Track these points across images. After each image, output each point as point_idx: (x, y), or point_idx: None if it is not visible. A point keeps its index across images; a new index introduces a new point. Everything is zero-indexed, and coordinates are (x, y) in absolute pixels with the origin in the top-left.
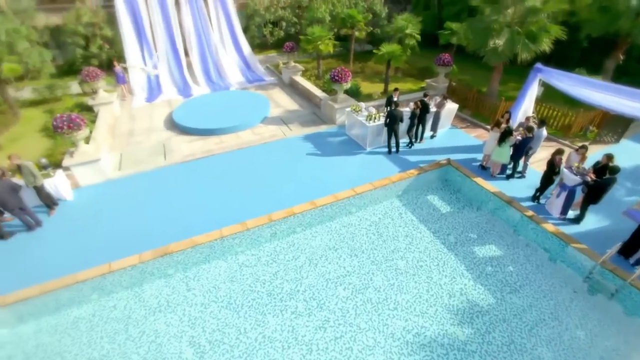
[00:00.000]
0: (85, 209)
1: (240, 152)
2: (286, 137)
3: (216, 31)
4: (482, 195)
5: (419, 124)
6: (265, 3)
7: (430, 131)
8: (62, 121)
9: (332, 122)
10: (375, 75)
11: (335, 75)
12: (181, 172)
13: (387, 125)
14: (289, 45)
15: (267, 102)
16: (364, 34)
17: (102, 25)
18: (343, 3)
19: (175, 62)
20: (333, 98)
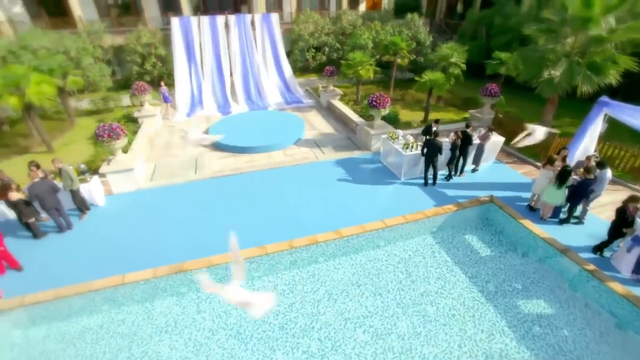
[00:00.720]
0: (112, 217)
1: (270, 172)
2: (318, 160)
3: (260, 53)
4: (529, 240)
5: (459, 156)
6: (310, 29)
7: (472, 164)
8: (104, 130)
9: (367, 149)
10: (415, 104)
11: (374, 101)
12: (208, 188)
13: (425, 155)
14: (329, 69)
15: (302, 123)
16: (406, 61)
17: (157, 45)
18: (387, 31)
19: (219, 80)
20: (369, 124)
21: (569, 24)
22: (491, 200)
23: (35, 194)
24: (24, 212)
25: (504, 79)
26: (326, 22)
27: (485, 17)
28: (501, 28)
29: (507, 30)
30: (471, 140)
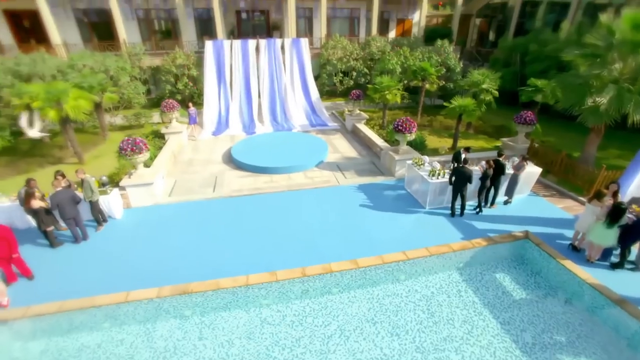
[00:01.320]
0: (127, 230)
1: (288, 194)
2: (339, 184)
3: (288, 75)
4: (574, 285)
5: (491, 186)
6: (338, 54)
7: (505, 196)
8: (128, 144)
9: (391, 175)
10: (444, 130)
11: (400, 125)
12: (225, 207)
13: (453, 184)
14: (355, 93)
15: (325, 146)
16: (435, 87)
17: (190, 66)
18: (416, 56)
19: (246, 101)
20: (394, 149)
21: (617, 49)
22: (526, 236)
23: (57, 202)
24: (44, 220)
25: (540, 107)
26: (355, 48)
27: (519, 44)
28: (537, 55)
29: (544, 57)
30: (504, 170)
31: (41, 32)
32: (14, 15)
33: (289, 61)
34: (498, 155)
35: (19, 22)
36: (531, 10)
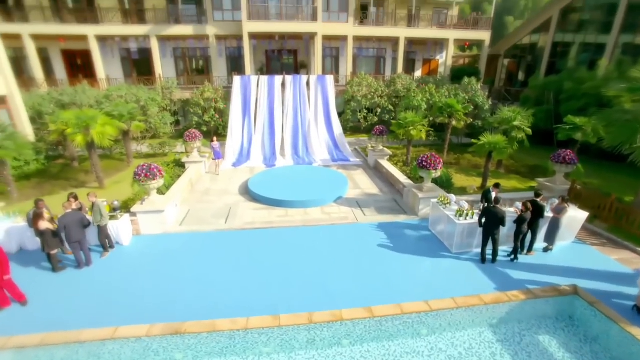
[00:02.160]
0: (132, 259)
1: (302, 230)
2: (357, 222)
3: (312, 110)
4: None
5: (528, 231)
6: (363, 91)
7: (544, 242)
8: (142, 169)
9: (414, 214)
10: (472, 169)
11: (424, 161)
12: (235, 240)
13: (484, 226)
14: (378, 129)
15: (345, 181)
16: (462, 124)
17: (218, 99)
18: (442, 93)
19: (269, 134)
20: (418, 186)
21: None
22: (575, 291)
23: (64, 224)
24: (49, 242)
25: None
26: (380, 85)
27: (552, 82)
28: (573, 93)
29: (580, 95)
30: (543, 212)
31: (90, 68)
32: (69, 54)
33: (314, 96)
34: (536, 196)
35: (73, 60)
36: (563, 50)
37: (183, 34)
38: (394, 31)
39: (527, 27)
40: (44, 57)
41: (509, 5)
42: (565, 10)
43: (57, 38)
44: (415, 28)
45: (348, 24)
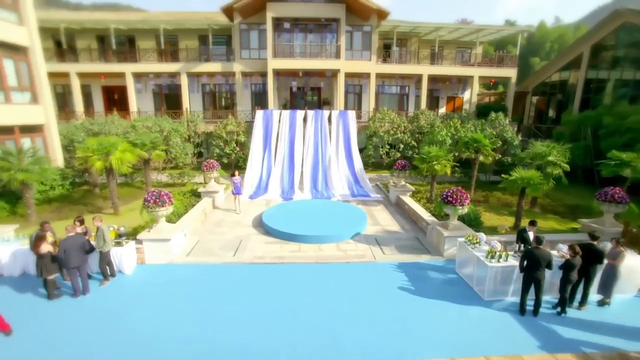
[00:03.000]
0: (131, 289)
1: (315, 268)
2: (375, 260)
3: (333, 145)
4: None
5: (579, 280)
6: (385, 126)
7: (598, 294)
8: (152, 195)
9: (438, 254)
10: (502, 207)
11: (449, 196)
12: (241, 274)
13: (525, 271)
14: (400, 163)
15: (364, 216)
16: (490, 159)
17: (240, 132)
18: (467, 128)
19: (288, 168)
20: (443, 223)
21: None
22: None
23: (64, 248)
24: (47, 267)
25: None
26: (402, 121)
27: (588, 118)
28: (615, 128)
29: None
30: (602, 258)
31: (124, 102)
32: (108, 90)
33: (335, 131)
34: (591, 239)
35: (111, 95)
36: (597, 86)
37: (211, 70)
38: (417, 68)
39: (555, 64)
40: (86, 93)
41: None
42: (596, 47)
43: (99, 75)
44: (438, 65)
45: (371, 61)
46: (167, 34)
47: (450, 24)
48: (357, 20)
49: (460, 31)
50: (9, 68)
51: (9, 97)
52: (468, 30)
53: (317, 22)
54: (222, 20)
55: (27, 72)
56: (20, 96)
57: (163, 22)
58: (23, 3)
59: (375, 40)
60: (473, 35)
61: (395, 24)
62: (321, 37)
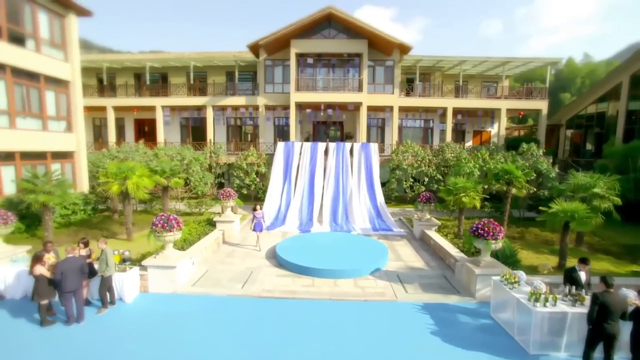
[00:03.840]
0: (128, 320)
1: (328, 305)
2: (397, 300)
3: (355, 177)
4: None
5: None
6: (409, 159)
7: None
8: (160, 220)
9: (469, 294)
10: (541, 245)
11: (480, 228)
12: (248, 308)
13: (595, 322)
14: (425, 196)
15: (385, 251)
16: (524, 192)
17: (260, 164)
18: (497, 160)
19: (308, 200)
20: (474, 260)
21: None
22: None
23: (62, 270)
24: (40, 290)
25: None
26: (427, 153)
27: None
28: None
29: None
30: None
31: (153, 134)
32: (140, 122)
33: (357, 163)
34: None
35: (142, 127)
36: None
37: (236, 104)
38: (442, 101)
39: (590, 96)
40: (120, 125)
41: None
42: (637, 77)
43: (132, 109)
44: (464, 98)
45: (393, 94)
46: (197, 71)
47: (474, 57)
48: (380, 55)
49: (486, 64)
50: (50, 99)
51: (46, 125)
52: (493, 63)
53: (339, 57)
54: (248, 57)
55: (66, 103)
56: (56, 125)
57: (194, 60)
58: (70, 43)
59: (398, 74)
60: (499, 69)
61: (418, 58)
62: (343, 71)
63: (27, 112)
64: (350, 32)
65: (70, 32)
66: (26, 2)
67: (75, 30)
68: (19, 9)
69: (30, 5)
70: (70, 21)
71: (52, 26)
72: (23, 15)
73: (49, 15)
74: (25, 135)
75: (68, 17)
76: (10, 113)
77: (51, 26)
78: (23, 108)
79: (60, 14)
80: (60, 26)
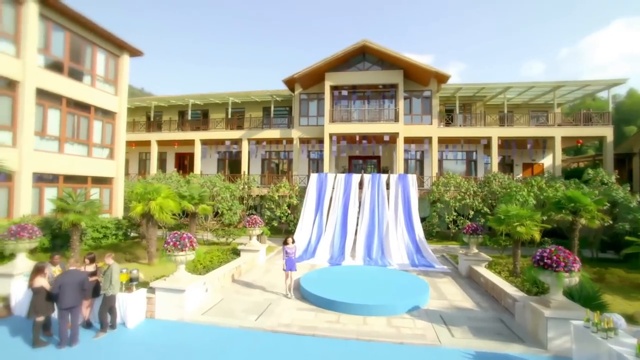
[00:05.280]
0: (127, 348)
1: (354, 346)
2: (440, 345)
3: (392, 210)
4: None
5: None
6: (451, 192)
7: None
8: (172, 237)
9: (539, 344)
10: (631, 289)
11: (546, 257)
12: (259, 344)
13: None
14: (471, 227)
15: (425, 287)
16: (596, 222)
17: (293, 195)
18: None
19: (340, 234)
20: (541, 300)
21: None
22: None
23: (60, 283)
24: (37, 305)
25: None
26: (471, 185)
27: None
28: None
29: None
30: None
31: (192, 166)
32: (180, 156)
33: (394, 196)
34: None
35: (182, 161)
36: None
37: (271, 137)
38: (485, 131)
39: None
40: (162, 159)
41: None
42: None
43: (173, 143)
44: (510, 127)
45: (432, 125)
46: (235, 107)
47: (521, 83)
48: (416, 85)
49: (534, 91)
50: (97, 128)
51: (91, 151)
52: (543, 89)
53: (374, 89)
54: (284, 93)
55: (111, 132)
56: (100, 152)
57: (232, 96)
58: (120, 79)
59: (436, 104)
60: (549, 96)
61: (457, 87)
62: (379, 103)
63: (76, 139)
64: (384, 64)
65: (122, 69)
66: (88, 43)
67: (126, 68)
68: (81, 49)
69: (91, 47)
70: (123, 60)
71: (108, 64)
72: (84, 55)
73: (106, 55)
74: (71, 160)
75: (122, 56)
76: (61, 139)
77: (107, 64)
78: (72, 135)
79: (115, 54)
80: (114, 64)
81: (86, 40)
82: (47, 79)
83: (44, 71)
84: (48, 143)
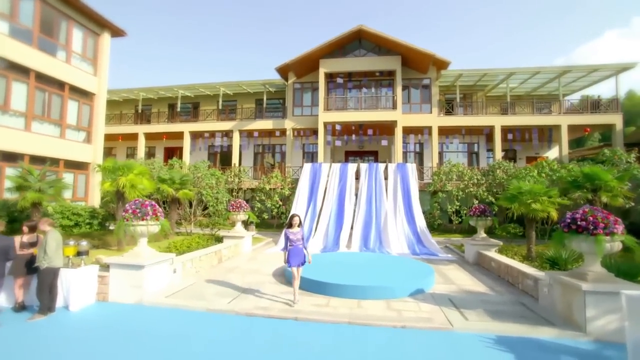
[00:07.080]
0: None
1: (346, 331)
2: (452, 329)
3: (390, 201)
4: None
5: None
6: (453, 180)
7: None
8: (132, 204)
9: (574, 325)
10: None
11: (579, 219)
12: (230, 330)
13: None
14: (478, 208)
15: (430, 271)
16: (620, 200)
17: (284, 186)
18: (570, 168)
19: (335, 224)
20: (574, 273)
21: None
22: None
23: None
24: None
25: None
26: (474, 173)
27: None
28: None
29: None
30: None
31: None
32: (169, 150)
33: (392, 186)
34: None
35: (171, 154)
36: None
37: (263, 128)
38: (487, 119)
39: None
40: (151, 153)
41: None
42: None
43: (162, 136)
44: (513, 115)
45: (432, 114)
46: (227, 99)
47: (525, 68)
48: (415, 73)
49: (538, 78)
50: (72, 108)
51: (64, 133)
52: (547, 75)
53: (371, 76)
54: (277, 82)
55: (89, 114)
56: (75, 134)
57: (224, 86)
58: (101, 59)
59: (436, 93)
60: (553, 86)
61: (458, 73)
62: (376, 91)
63: (46, 117)
64: (381, 50)
65: (102, 49)
66: (62, 16)
67: (107, 48)
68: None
69: (67, 20)
70: (104, 39)
71: (86, 41)
72: (58, 28)
73: (84, 31)
74: (40, 139)
75: (102, 35)
76: (28, 116)
77: (84, 41)
78: (42, 113)
79: (94, 32)
80: (93, 42)
81: (60, 13)
82: (11, 48)
83: (8, 39)
84: (12, 119)
